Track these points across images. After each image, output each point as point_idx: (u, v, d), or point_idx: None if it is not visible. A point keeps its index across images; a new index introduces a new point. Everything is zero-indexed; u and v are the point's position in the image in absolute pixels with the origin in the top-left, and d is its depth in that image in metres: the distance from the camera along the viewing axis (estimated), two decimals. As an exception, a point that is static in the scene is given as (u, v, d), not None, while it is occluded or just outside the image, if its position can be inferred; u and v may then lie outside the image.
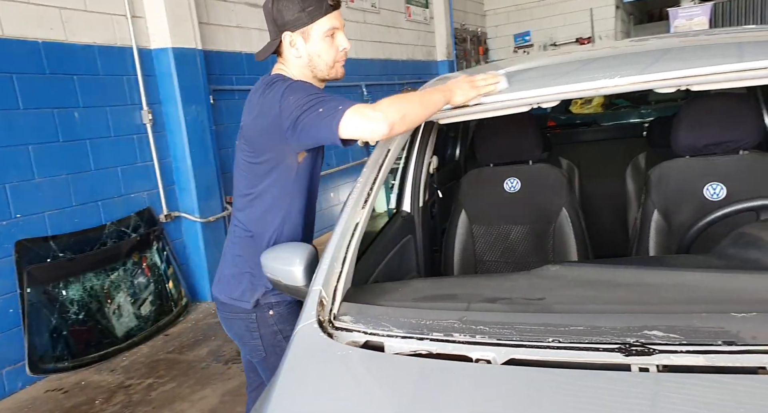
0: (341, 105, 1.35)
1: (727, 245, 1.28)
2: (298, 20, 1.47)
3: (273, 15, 1.50)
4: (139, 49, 3.77)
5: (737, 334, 0.93)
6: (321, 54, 1.52)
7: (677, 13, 9.70)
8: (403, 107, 1.36)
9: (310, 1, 1.47)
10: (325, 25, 1.50)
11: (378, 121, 1.32)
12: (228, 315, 1.66)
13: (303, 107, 1.38)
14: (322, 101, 1.38)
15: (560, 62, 1.83)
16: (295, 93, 1.41)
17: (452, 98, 1.44)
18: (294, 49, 1.52)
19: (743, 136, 1.88)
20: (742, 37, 1.74)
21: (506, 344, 1.04)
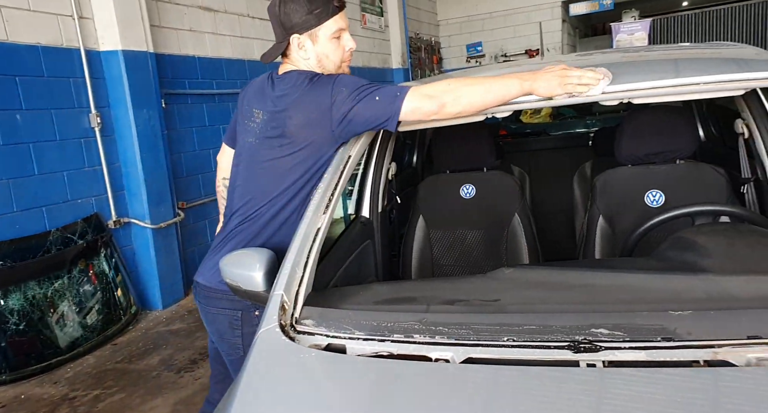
0: (399, 91, 1.40)
1: (665, 248, 1.37)
2: (305, 23, 1.49)
3: (280, 17, 1.51)
4: (87, 50, 3.67)
5: (674, 331, 1.00)
6: (329, 55, 1.54)
7: (619, 28, 10.17)
8: (461, 90, 1.38)
9: (317, 3, 1.49)
10: (332, 26, 1.52)
11: (431, 102, 1.38)
12: (212, 310, 1.63)
13: (357, 96, 1.42)
14: (377, 89, 1.42)
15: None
16: (347, 84, 1.45)
17: (535, 89, 1.39)
18: (302, 51, 1.53)
19: (680, 146, 2.00)
20: (679, 55, 1.86)
21: (464, 344, 1.08)
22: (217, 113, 4.89)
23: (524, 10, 10.63)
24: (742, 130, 1.92)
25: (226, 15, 5.10)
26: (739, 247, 1.27)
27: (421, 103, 1.39)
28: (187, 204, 4.46)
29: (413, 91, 1.40)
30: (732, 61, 1.62)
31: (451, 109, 1.39)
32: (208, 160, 4.79)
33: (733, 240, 1.30)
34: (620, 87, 1.47)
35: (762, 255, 1.23)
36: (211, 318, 1.66)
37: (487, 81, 1.40)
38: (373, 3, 8.27)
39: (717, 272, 1.18)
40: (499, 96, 1.39)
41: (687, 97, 1.51)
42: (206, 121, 4.79)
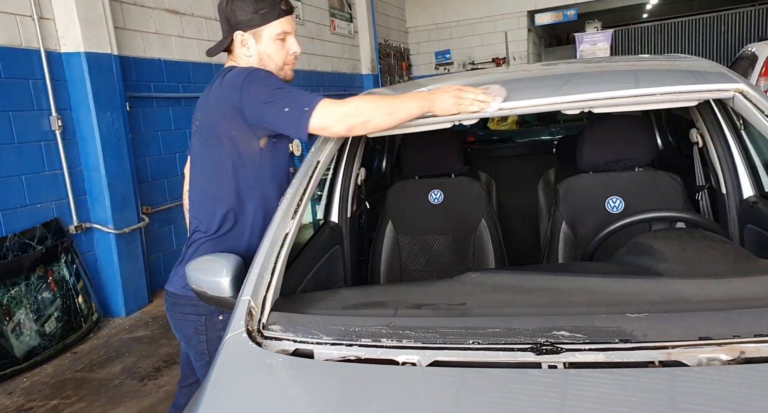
0: (307, 105, 1.40)
1: (623, 253, 1.42)
2: (250, 21, 1.53)
3: (226, 14, 1.55)
4: (48, 52, 3.58)
5: (631, 333, 1.04)
6: (271, 55, 1.57)
7: (582, 38, 10.45)
8: (369, 112, 1.41)
9: (263, 4, 1.52)
10: (276, 28, 1.55)
11: (339, 123, 1.40)
12: (178, 316, 1.64)
13: (267, 100, 1.42)
14: (287, 97, 1.43)
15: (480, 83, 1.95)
16: (258, 81, 1.46)
17: (433, 109, 1.45)
18: (245, 48, 1.56)
19: (638, 154, 2.08)
20: (638, 66, 1.93)
21: (431, 347, 1.10)
22: (183, 117, 4.82)
23: (491, 19, 10.82)
24: (696, 140, 2.00)
25: (193, 18, 5.05)
26: (691, 252, 1.32)
27: (328, 122, 1.41)
28: (152, 209, 4.38)
29: (322, 108, 1.40)
30: (687, 73, 1.69)
31: (359, 131, 1.43)
32: (173, 164, 4.72)
33: (686, 246, 1.35)
34: (581, 97, 1.52)
35: (713, 260, 1.29)
36: (178, 324, 1.67)
37: (392, 103, 1.44)
38: (342, 8, 8.29)
39: (671, 276, 1.22)
40: (403, 117, 1.44)
41: (645, 107, 1.57)
42: (172, 125, 4.72)
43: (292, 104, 1.41)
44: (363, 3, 8.77)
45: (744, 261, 1.28)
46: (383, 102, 1.45)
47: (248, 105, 1.45)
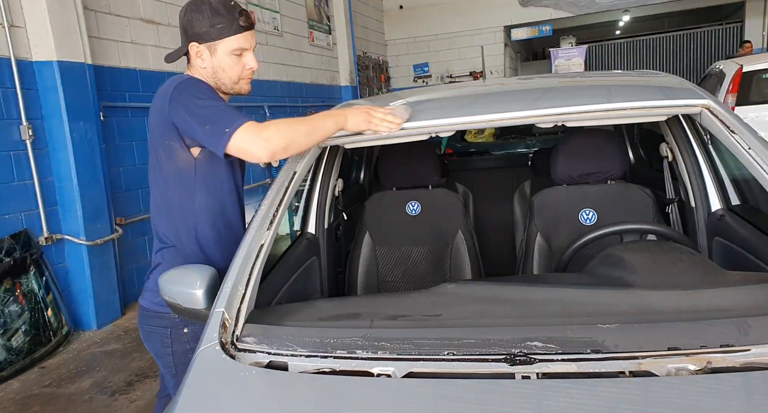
0: (228, 126, 1.40)
1: (595, 264, 1.44)
2: (206, 34, 1.51)
3: (183, 23, 1.54)
4: (19, 60, 3.51)
5: (602, 343, 1.05)
6: (226, 69, 1.56)
7: (557, 53, 10.66)
8: (289, 136, 1.42)
9: (220, 18, 1.51)
10: (232, 43, 1.53)
11: (261, 149, 1.40)
12: (147, 329, 1.64)
13: (192, 112, 1.42)
14: (212, 114, 1.42)
15: (456, 95, 1.98)
16: (186, 92, 1.45)
17: (345, 125, 1.51)
18: (199, 60, 1.55)
19: (611, 168, 2.12)
20: (610, 81, 1.98)
21: (406, 358, 1.10)
22: (159, 127, 4.76)
23: (468, 33, 10.98)
24: (666, 154, 2.05)
25: (170, 28, 5.02)
26: (661, 264, 1.35)
27: (249, 148, 1.41)
28: (126, 220, 4.31)
29: (242, 133, 1.40)
30: (657, 89, 1.74)
31: (281, 155, 1.44)
32: (148, 174, 4.66)
33: (656, 257, 1.38)
34: (555, 110, 1.55)
35: (681, 271, 1.32)
36: (147, 337, 1.67)
37: (309, 124, 1.48)
38: (321, 20, 8.33)
39: (641, 287, 1.25)
40: (321, 136, 1.49)
41: (616, 121, 1.61)
42: (147, 135, 4.66)
43: (215, 123, 1.41)
44: (342, 15, 8.83)
45: (711, 273, 1.31)
46: (301, 124, 1.47)
47: (174, 115, 1.45)
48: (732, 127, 1.41)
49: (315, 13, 8.13)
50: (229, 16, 1.51)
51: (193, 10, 1.52)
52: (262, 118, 6.41)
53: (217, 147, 1.41)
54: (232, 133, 1.39)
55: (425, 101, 1.86)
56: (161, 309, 1.56)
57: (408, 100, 1.79)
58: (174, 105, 1.44)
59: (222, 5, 1.52)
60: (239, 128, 1.39)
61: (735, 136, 1.39)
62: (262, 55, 6.56)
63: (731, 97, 6.09)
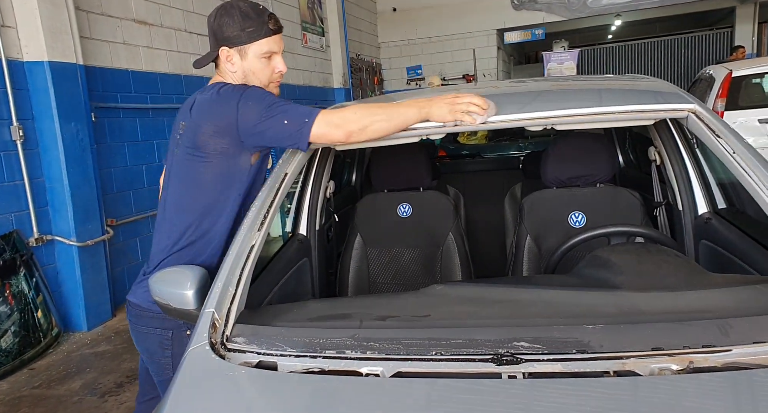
0: (307, 116, 1.44)
1: (583, 266, 1.46)
2: (236, 38, 1.53)
3: (213, 28, 1.56)
4: (9, 60, 3.51)
5: (588, 343, 1.07)
6: (256, 72, 1.57)
7: (550, 57, 10.74)
8: (367, 119, 1.45)
9: (251, 22, 1.52)
10: (262, 47, 1.55)
11: (338, 129, 1.44)
12: (143, 329, 1.61)
13: (266, 114, 1.45)
14: (285, 110, 1.46)
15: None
16: (254, 98, 1.48)
17: (430, 115, 1.48)
18: (230, 64, 1.57)
19: (600, 171, 2.14)
20: (599, 85, 2.00)
21: (394, 358, 1.11)
22: (150, 128, 4.76)
23: (461, 36, 11.02)
24: (654, 157, 2.08)
25: (162, 29, 5.02)
26: (647, 266, 1.37)
27: (329, 130, 1.45)
28: (117, 221, 4.30)
29: (322, 118, 1.44)
30: (645, 93, 1.76)
31: (357, 137, 1.46)
32: (140, 175, 4.65)
33: (642, 259, 1.40)
34: (544, 114, 1.57)
35: (667, 273, 1.34)
36: (142, 338, 1.64)
37: (390, 109, 1.48)
38: (314, 23, 8.35)
39: (627, 288, 1.27)
40: (401, 123, 1.48)
41: (604, 125, 1.63)
42: (139, 136, 4.66)
43: (292, 116, 1.45)
44: (335, 18, 8.85)
45: (696, 275, 1.33)
46: (381, 109, 1.49)
47: (245, 120, 1.46)
48: (717, 131, 1.44)
49: (308, 15, 8.14)
50: (259, 19, 1.53)
51: (224, 14, 1.53)
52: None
53: (299, 137, 1.45)
54: (312, 121, 1.43)
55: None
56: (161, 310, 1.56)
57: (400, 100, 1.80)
58: (244, 110, 1.46)
59: (252, 9, 1.54)
60: (318, 114, 1.44)
61: (720, 140, 1.42)
62: (255, 56, 6.55)
63: (720, 101, 6.15)
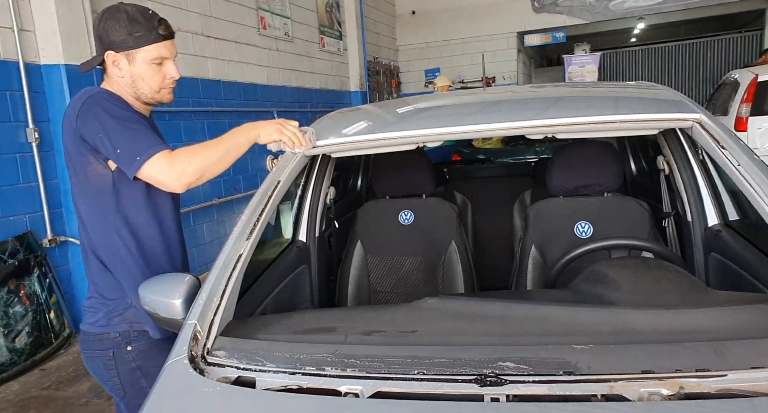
0: (140, 154, 1.38)
1: (580, 281, 1.41)
2: (123, 43, 1.46)
3: (99, 32, 1.48)
4: (27, 63, 3.56)
5: (575, 365, 1.02)
6: (145, 78, 1.50)
7: (571, 60, 10.59)
8: (203, 165, 1.42)
9: (138, 27, 1.46)
10: (152, 52, 1.49)
11: (174, 182, 1.41)
12: (88, 354, 1.57)
13: (103, 130, 1.39)
14: (123, 135, 1.39)
15: (445, 105, 1.96)
16: (96, 108, 1.41)
17: (258, 138, 1.52)
18: (117, 69, 1.49)
19: (606, 180, 2.08)
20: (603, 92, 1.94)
21: (374, 377, 1.07)
22: (165, 130, 4.76)
23: (480, 39, 10.93)
24: (663, 167, 2.01)
25: (179, 33, 5.03)
26: (645, 281, 1.31)
27: (162, 179, 1.41)
28: (130, 223, 4.33)
29: (157, 162, 1.39)
30: (649, 101, 1.70)
31: (194, 185, 1.44)
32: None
33: (640, 275, 1.34)
34: (543, 122, 1.53)
35: (664, 289, 1.28)
36: (89, 363, 1.60)
37: (222, 145, 1.47)
38: (332, 26, 8.36)
39: (623, 305, 1.22)
40: (235, 156, 1.49)
41: (606, 134, 1.58)
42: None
43: (126, 147, 1.39)
44: (353, 21, 8.85)
45: (696, 292, 1.27)
46: (214, 149, 1.46)
47: (84, 131, 1.41)
48: (722, 142, 1.37)
49: (326, 18, 8.16)
50: (147, 24, 1.47)
51: (109, 17, 1.47)
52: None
53: (128, 170, 1.40)
54: (143, 162, 1.38)
55: (413, 111, 1.84)
56: (100, 330, 1.53)
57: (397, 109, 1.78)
58: (83, 121, 1.40)
59: (140, 14, 1.48)
60: (151, 158, 1.38)
61: (725, 151, 1.36)
62: (272, 60, 6.59)
63: (745, 106, 5.98)
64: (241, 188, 5.77)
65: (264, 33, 6.43)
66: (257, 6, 6.31)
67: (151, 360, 1.50)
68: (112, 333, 1.52)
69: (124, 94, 1.52)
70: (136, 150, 1.39)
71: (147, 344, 1.54)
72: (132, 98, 1.53)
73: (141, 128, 1.44)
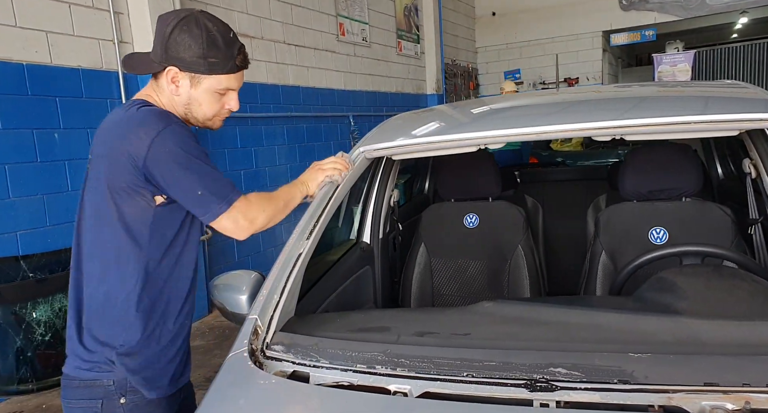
0: (221, 201, 1.28)
1: (645, 289, 1.34)
2: (193, 64, 1.30)
3: (166, 40, 1.29)
4: (125, 74, 3.87)
5: (632, 373, 0.98)
6: (203, 104, 1.36)
7: (661, 59, 10.00)
8: (270, 215, 1.40)
9: (215, 52, 1.30)
10: (221, 83, 1.34)
11: (244, 231, 1.36)
12: (69, 403, 1.34)
13: (182, 166, 1.25)
14: (203, 175, 1.27)
15: (509, 106, 1.93)
16: (173, 142, 1.25)
17: (308, 191, 1.55)
18: (174, 86, 1.33)
19: (684, 184, 1.96)
20: (679, 92, 1.84)
21: (423, 377, 1.08)
22: (248, 136, 5.05)
23: (564, 39, 10.61)
24: (749, 170, 1.87)
25: (263, 41, 5.30)
26: (715, 291, 1.23)
27: (235, 227, 1.34)
28: (216, 223, 4.58)
29: (236, 211, 1.31)
30: (730, 101, 1.59)
31: (262, 228, 1.39)
32: (238, 180, 4.93)
33: (711, 283, 1.26)
34: (611, 123, 1.47)
35: (737, 300, 1.19)
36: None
37: (284, 197, 1.46)
38: (410, 30, 8.41)
39: (689, 315, 1.15)
40: (292, 207, 1.49)
41: (679, 136, 1.49)
42: (238, 143, 4.95)
43: (209, 191, 1.27)
44: (431, 24, 8.87)
45: (775, 304, 1.18)
46: (279, 201, 1.44)
47: (157, 171, 1.25)
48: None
49: (404, 22, 8.23)
50: (227, 51, 1.31)
51: (186, 31, 1.28)
52: (347, 129, 6.58)
53: (203, 215, 1.31)
54: (222, 211, 1.29)
55: (476, 113, 1.83)
56: (89, 376, 1.30)
57: (460, 111, 1.77)
58: (155, 159, 1.23)
59: (221, 36, 1.31)
60: (232, 206, 1.30)
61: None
62: (349, 65, 6.74)
63: None
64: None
65: (342, 39, 6.59)
66: (336, 13, 6.48)
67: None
68: (105, 381, 1.30)
69: (172, 109, 1.36)
70: (218, 195, 1.28)
71: (143, 399, 1.32)
72: (178, 115, 1.37)
73: (214, 169, 1.31)
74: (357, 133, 6.70)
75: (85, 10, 3.64)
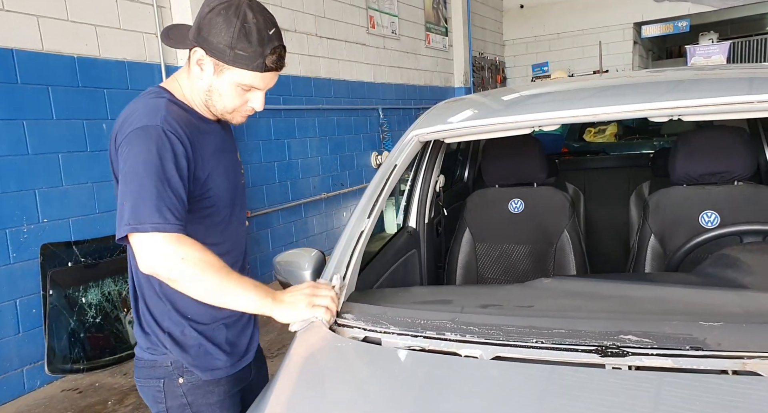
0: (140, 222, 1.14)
1: (707, 265, 1.35)
2: (219, 52, 1.23)
3: (201, 18, 1.24)
4: (167, 66, 3.97)
5: (704, 341, 1.00)
6: (223, 96, 1.29)
7: (695, 51, 9.79)
8: (199, 278, 1.16)
9: (246, 46, 1.22)
10: (244, 78, 1.26)
11: (144, 263, 1.16)
12: (139, 382, 1.40)
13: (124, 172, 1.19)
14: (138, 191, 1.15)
15: (562, 90, 1.94)
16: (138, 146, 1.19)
17: (272, 311, 1.22)
18: (198, 68, 1.28)
19: (737, 167, 1.96)
20: (737, 74, 1.83)
21: (493, 343, 1.12)
22: (282, 128, 5.12)
23: (593, 31, 10.48)
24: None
25: (295, 34, 5.36)
26: (782, 265, 1.24)
27: (155, 261, 1.15)
28: (252, 213, 4.68)
29: (150, 241, 1.14)
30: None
31: (178, 286, 1.18)
32: (272, 171, 5.02)
33: (776, 258, 1.27)
34: (668, 103, 1.48)
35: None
36: (141, 391, 1.41)
37: (229, 281, 1.19)
38: (438, 23, 8.41)
39: (757, 289, 1.16)
40: (228, 303, 1.21)
41: (738, 116, 1.50)
42: (272, 135, 5.03)
43: (130, 204, 1.15)
44: (459, 17, 8.85)
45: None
46: (224, 272, 1.18)
47: (119, 156, 1.22)
48: None
49: (433, 15, 8.23)
50: (258, 48, 1.22)
51: (223, 15, 1.21)
52: (376, 122, 6.62)
53: (117, 227, 1.17)
54: (134, 230, 1.14)
55: (527, 95, 1.85)
56: (151, 357, 1.34)
57: (510, 95, 1.80)
58: (124, 146, 1.20)
59: (257, 32, 1.22)
60: (149, 233, 1.14)
61: None
62: (379, 58, 6.77)
63: None
64: (348, 183, 6.01)
65: (372, 32, 6.63)
66: (367, 5, 6.52)
67: (203, 398, 1.35)
68: (164, 362, 1.34)
69: (195, 97, 1.32)
70: (138, 214, 1.14)
71: (200, 380, 1.35)
72: (201, 104, 1.33)
73: (164, 189, 1.17)
74: (386, 125, 6.75)
75: (130, 3, 3.74)
